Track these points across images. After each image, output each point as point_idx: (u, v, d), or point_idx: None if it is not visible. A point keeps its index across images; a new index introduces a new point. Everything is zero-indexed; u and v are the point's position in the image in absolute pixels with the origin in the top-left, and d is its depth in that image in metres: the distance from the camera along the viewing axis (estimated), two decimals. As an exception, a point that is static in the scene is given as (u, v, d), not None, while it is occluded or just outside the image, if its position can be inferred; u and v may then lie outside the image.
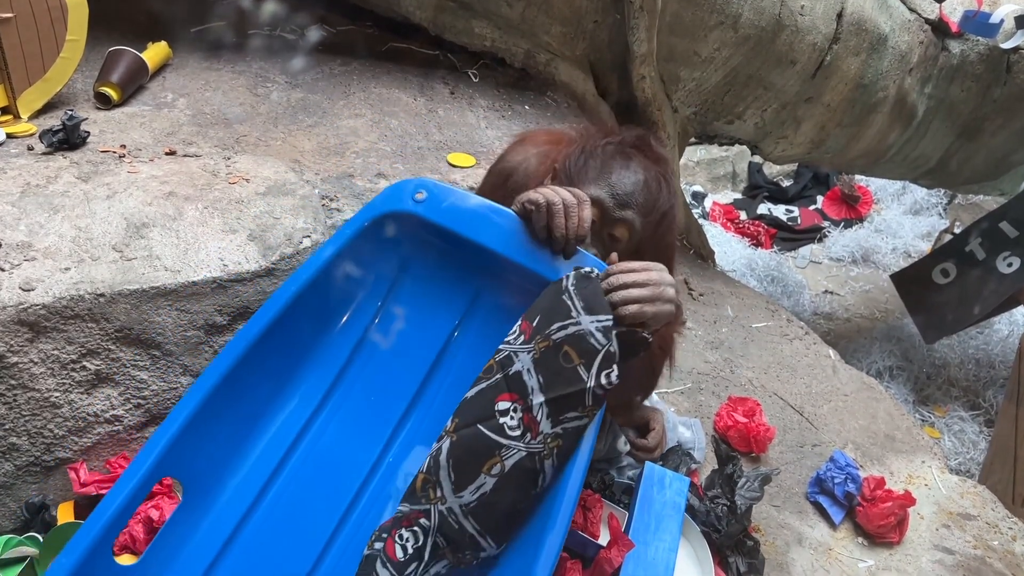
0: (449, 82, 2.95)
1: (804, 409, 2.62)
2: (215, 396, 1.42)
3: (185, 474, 1.43)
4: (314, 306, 1.55)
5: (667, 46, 3.19)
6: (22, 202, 1.86)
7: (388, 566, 1.38)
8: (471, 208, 1.53)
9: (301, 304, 1.51)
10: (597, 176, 1.53)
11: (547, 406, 1.33)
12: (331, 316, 1.60)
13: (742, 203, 6.81)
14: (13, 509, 1.71)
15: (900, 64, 3.73)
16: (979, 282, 4.01)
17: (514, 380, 1.36)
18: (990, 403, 4.40)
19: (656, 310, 1.33)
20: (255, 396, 1.51)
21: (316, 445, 1.55)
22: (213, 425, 1.43)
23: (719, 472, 2.08)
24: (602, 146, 1.57)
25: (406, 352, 1.55)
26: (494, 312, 1.57)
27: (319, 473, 1.52)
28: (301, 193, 2.06)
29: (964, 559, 2.16)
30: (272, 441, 1.53)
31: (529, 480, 1.34)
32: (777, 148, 3.99)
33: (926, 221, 6.46)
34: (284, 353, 1.53)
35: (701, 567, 1.86)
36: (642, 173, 1.53)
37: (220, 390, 1.43)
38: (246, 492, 1.49)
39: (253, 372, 1.47)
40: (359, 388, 1.58)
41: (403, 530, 1.39)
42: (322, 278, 1.53)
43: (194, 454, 1.42)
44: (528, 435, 1.34)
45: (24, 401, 1.66)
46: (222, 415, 1.44)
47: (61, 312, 1.66)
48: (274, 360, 1.52)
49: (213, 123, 2.45)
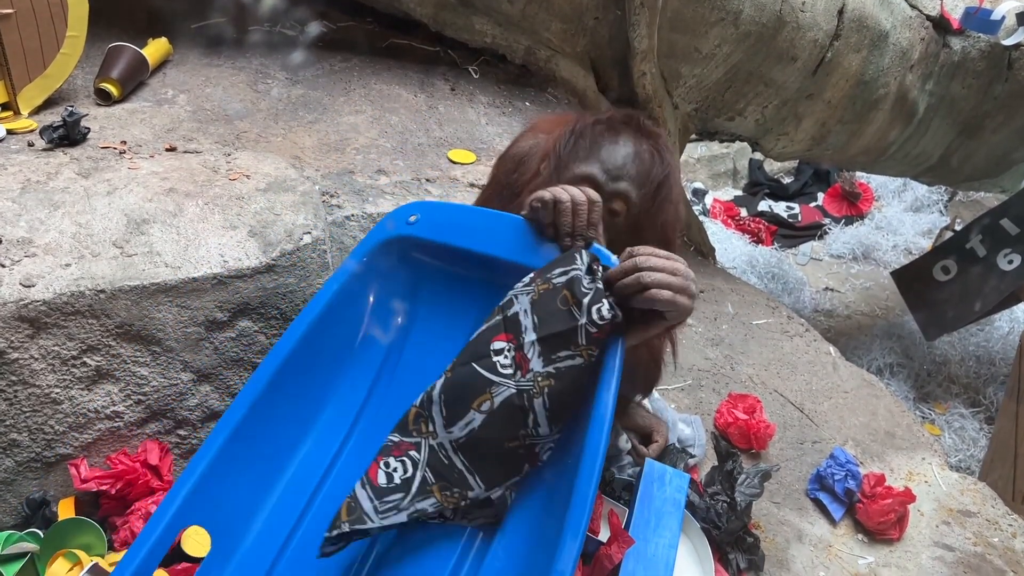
0: (450, 78, 2.95)
1: (804, 406, 2.62)
2: (234, 441, 1.40)
3: (211, 521, 1.38)
4: (325, 345, 1.53)
5: (668, 42, 3.19)
6: (22, 198, 1.86)
7: (367, 488, 1.37)
8: (466, 220, 1.53)
9: (312, 343, 1.50)
10: (587, 154, 1.53)
11: (539, 344, 1.32)
12: (344, 353, 1.58)
13: (743, 200, 6.80)
14: (14, 505, 1.71)
15: (901, 61, 3.73)
16: (980, 279, 4.01)
17: (511, 321, 1.36)
18: (990, 400, 4.40)
19: (685, 302, 1.28)
20: (275, 438, 1.47)
21: (339, 484, 1.50)
22: (234, 470, 1.40)
23: (719, 469, 2.08)
24: (591, 125, 1.57)
25: (424, 382, 1.47)
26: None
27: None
28: (301, 189, 2.06)
29: (964, 556, 2.16)
30: (295, 482, 1.49)
31: (517, 418, 1.33)
32: (778, 145, 3.99)
33: (927, 218, 6.46)
34: (301, 393, 1.51)
35: (701, 564, 1.86)
36: (632, 146, 1.53)
37: (239, 434, 1.41)
38: (273, 536, 1.44)
39: (271, 414, 1.45)
40: (380, 422, 1.52)
41: (391, 458, 1.39)
42: (329, 316, 1.52)
43: (219, 500, 1.38)
44: (519, 373, 1.33)
45: (25, 397, 1.66)
46: (242, 460, 1.41)
47: (62, 308, 1.66)
48: (291, 402, 1.49)
49: (213, 119, 2.44)
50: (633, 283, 1.27)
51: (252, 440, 1.43)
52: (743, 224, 6.35)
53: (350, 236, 2.05)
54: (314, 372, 1.52)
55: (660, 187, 1.55)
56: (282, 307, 1.89)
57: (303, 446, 1.52)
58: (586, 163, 1.52)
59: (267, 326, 1.89)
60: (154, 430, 1.82)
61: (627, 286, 1.27)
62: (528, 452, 1.36)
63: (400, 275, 1.59)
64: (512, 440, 1.35)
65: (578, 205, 1.38)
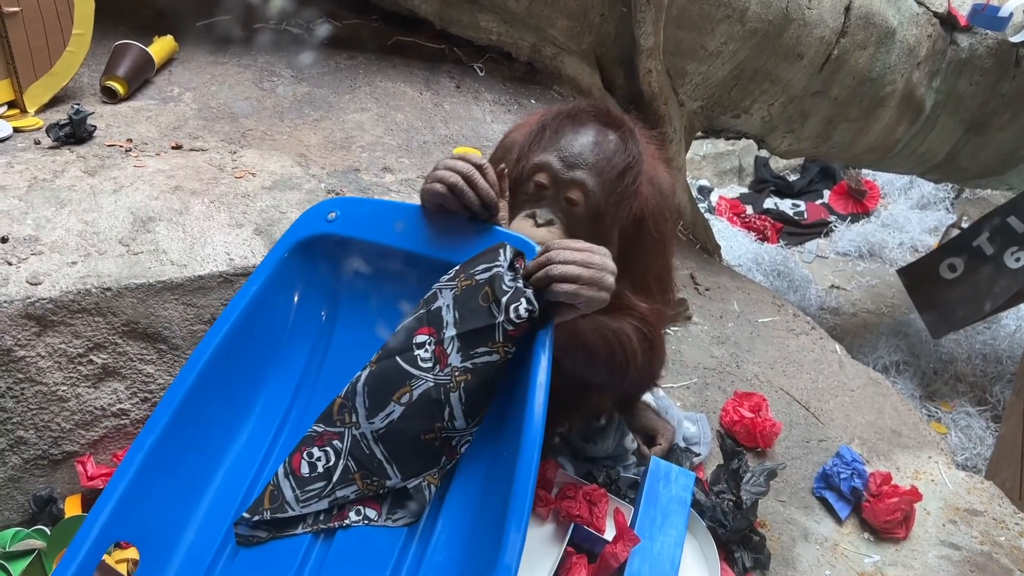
0: (455, 76, 2.94)
1: (810, 404, 2.62)
2: (159, 449, 1.36)
3: (140, 535, 1.35)
4: (250, 345, 1.51)
5: (674, 40, 3.18)
6: (29, 196, 1.86)
7: (290, 478, 1.41)
8: (385, 215, 1.54)
9: (236, 344, 1.48)
10: (547, 144, 1.53)
11: (458, 340, 1.36)
12: (269, 352, 1.56)
13: (748, 197, 6.79)
14: (21, 502, 1.72)
15: (908, 58, 3.72)
16: (987, 277, 3.99)
17: (434, 315, 1.39)
18: (997, 399, 4.39)
19: (591, 294, 1.31)
20: (202, 443, 1.45)
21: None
22: (161, 479, 1.37)
23: (725, 467, 2.08)
24: (554, 115, 1.57)
25: (349, 377, 1.48)
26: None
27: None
28: (307, 187, 2.06)
29: (970, 555, 2.15)
30: (225, 486, 1.46)
31: (434, 411, 1.36)
32: (784, 142, 3.98)
33: (933, 216, 6.44)
34: (227, 395, 1.48)
35: (707, 562, 1.86)
36: (593, 134, 1.52)
37: (164, 442, 1.37)
38: (207, 544, 1.41)
39: (197, 418, 1.43)
40: (307, 420, 1.51)
41: (314, 448, 1.43)
42: (252, 316, 1.51)
43: (146, 512, 1.34)
44: (437, 367, 1.37)
45: (31, 395, 1.66)
46: (170, 467, 1.38)
47: (68, 306, 1.67)
48: (217, 404, 1.46)
49: (219, 117, 2.45)
50: (542, 276, 1.31)
51: (178, 446, 1.39)
52: (749, 222, 6.34)
53: (356, 234, 2.05)
54: (239, 373, 1.50)
55: (623, 175, 1.53)
56: (288, 305, 1.89)
57: (232, 449, 1.49)
58: (543, 152, 1.52)
59: (273, 324, 1.89)
60: (160, 428, 1.82)
61: (538, 280, 1.32)
62: (444, 445, 1.40)
63: (322, 272, 1.58)
64: (428, 433, 1.38)
65: (470, 178, 1.40)
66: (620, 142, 1.54)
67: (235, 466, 1.48)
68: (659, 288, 1.76)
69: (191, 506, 1.43)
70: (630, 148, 1.55)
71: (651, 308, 1.70)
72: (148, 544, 1.36)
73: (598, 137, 1.52)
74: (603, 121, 1.56)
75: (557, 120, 1.55)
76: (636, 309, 1.67)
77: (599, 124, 1.55)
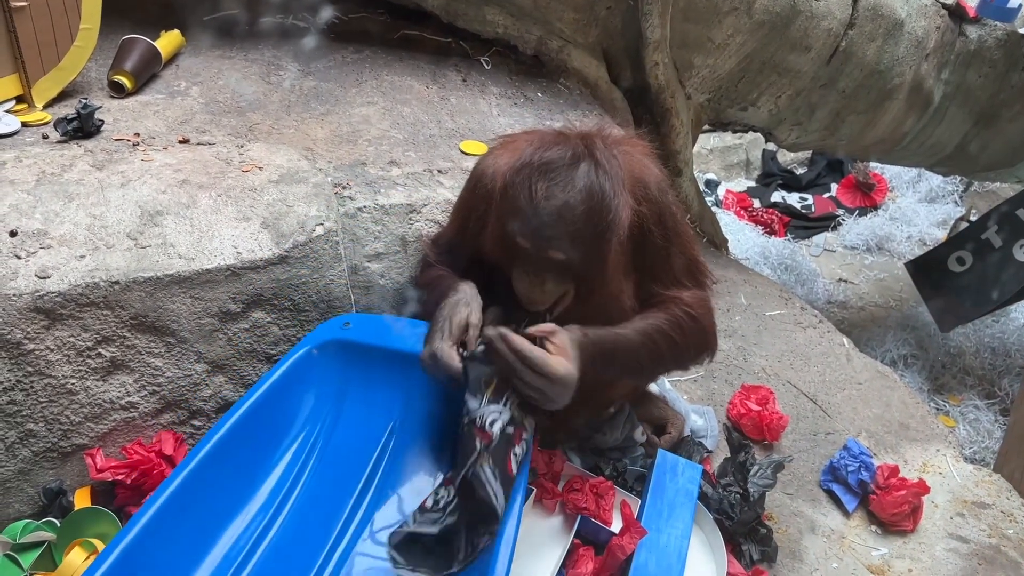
0: (461, 69, 2.94)
1: (818, 397, 2.62)
2: (168, 511, 1.46)
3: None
4: (267, 422, 1.68)
5: (681, 32, 3.17)
6: (37, 190, 1.87)
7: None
8: (390, 326, 1.82)
9: (255, 420, 1.64)
10: (515, 213, 1.51)
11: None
12: (283, 432, 1.73)
13: (756, 191, 6.77)
14: (31, 494, 1.73)
15: (916, 50, 3.70)
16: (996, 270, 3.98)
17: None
18: (1006, 392, 4.37)
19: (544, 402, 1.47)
20: (214, 502, 1.57)
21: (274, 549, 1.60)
22: (172, 533, 1.46)
23: (732, 460, 2.08)
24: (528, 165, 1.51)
25: (348, 464, 1.71)
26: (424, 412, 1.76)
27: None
28: (314, 181, 2.07)
29: (979, 548, 2.15)
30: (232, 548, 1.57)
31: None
32: (791, 135, 3.96)
33: (942, 209, 6.41)
34: (240, 463, 1.62)
35: (714, 554, 1.86)
36: (564, 194, 1.47)
37: (174, 505, 1.47)
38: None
39: (211, 481, 1.55)
40: (309, 501, 1.68)
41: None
42: (269, 401, 1.68)
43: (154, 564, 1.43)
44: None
45: (41, 388, 1.67)
46: (180, 523, 1.48)
47: (77, 299, 1.67)
48: (231, 470, 1.59)
49: (226, 111, 2.45)
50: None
51: (184, 512, 1.49)
52: (756, 215, 6.32)
53: (362, 227, 2.06)
54: (250, 451, 1.64)
55: (599, 222, 1.51)
56: (295, 298, 1.90)
57: (238, 515, 1.61)
58: (514, 224, 1.51)
59: (280, 317, 1.90)
60: (169, 420, 1.83)
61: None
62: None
63: (333, 373, 1.78)
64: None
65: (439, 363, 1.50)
66: (587, 192, 1.48)
67: (239, 532, 1.59)
68: (691, 279, 1.78)
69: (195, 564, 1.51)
70: (597, 187, 1.49)
71: (692, 296, 1.75)
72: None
73: (568, 199, 1.47)
74: (569, 158, 1.50)
75: (528, 175, 1.50)
76: (677, 298, 1.73)
77: (565, 169, 1.49)
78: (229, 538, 1.57)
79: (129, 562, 1.37)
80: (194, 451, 1.55)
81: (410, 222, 2.11)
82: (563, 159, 1.50)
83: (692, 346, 1.77)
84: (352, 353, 1.78)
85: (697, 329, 1.75)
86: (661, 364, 1.82)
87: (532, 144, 1.55)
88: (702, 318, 1.76)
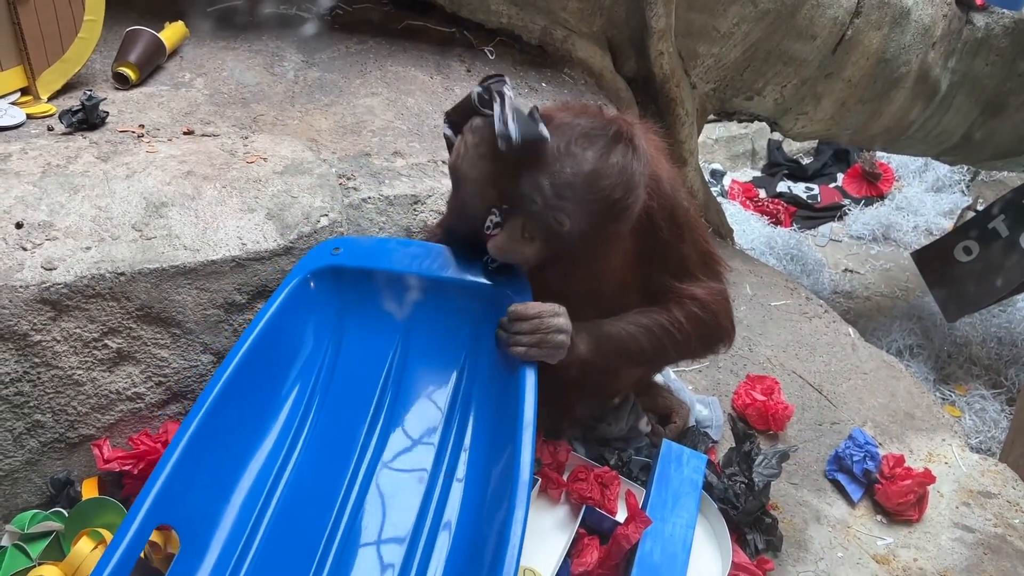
0: (466, 60, 2.93)
1: (823, 387, 2.61)
2: (195, 442, 1.50)
3: (179, 521, 1.46)
4: (269, 358, 1.68)
5: (685, 21, 3.16)
6: (43, 182, 1.87)
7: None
8: (381, 247, 1.80)
9: (257, 358, 1.64)
10: (547, 159, 1.48)
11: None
12: (288, 363, 1.73)
13: (761, 181, 6.74)
14: (39, 485, 1.73)
15: (923, 38, 3.67)
16: (1002, 259, 3.96)
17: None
18: (1012, 381, 4.36)
19: (541, 352, 1.53)
20: (231, 440, 1.59)
21: (295, 478, 1.64)
22: (197, 471, 1.49)
23: (737, 450, 2.08)
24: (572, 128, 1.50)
25: (360, 383, 1.72)
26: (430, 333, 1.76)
27: (302, 504, 1.60)
28: (318, 172, 2.07)
29: (984, 537, 2.15)
30: (254, 483, 1.60)
31: None
32: (797, 125, 3.95)
33: (948, 198, 6.38)
34: (251, 399, 1.63)
35: (719, 544, 1.87)
36: (591, 161, 1.46)
37: (199, 436, 1.50)
38: (238, 533, 1.54)
39: (226, 419, 1.57)
40: (320, 429, 1.70)
41: None
42: (269, 335, 1.67)
43: (184, 501, 1.47)
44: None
45: (48, 379, 1.68)
46: (204, 461, 1.51)
47: (82, 291, 1.68)
48: (243, 406, 1.61)
49: (230, 102, 2.45)
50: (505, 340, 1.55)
51: (210, 444, 1.52)
52: (762, 205, 6.30)
53: (367, 219, 2.06)
54: (259, 386, 1.66)
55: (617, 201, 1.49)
56: (300, 289, 1.90)
57: (256, 450, 1.63)
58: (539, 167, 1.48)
59: (285, 308, 1.90)
60: (175, 411, 1.84)
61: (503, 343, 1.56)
62: None
63: (329, 300, 1.77)
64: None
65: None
66: (619, 170, 1.47)
67: (260, 466, 1.62)
68: (705, 271, 1.78)
69: (222, 499, 1.55)
70: (631, 170, 1.49)
71: (705, 289, 1.75)
72: (187, 529, 1.47)
73: (598, 164, 1.46)
74: (612, 134, 1.49)
75: (563, 135, 1.48)
76: (688, 294, 1.73)
77: (606, 141, 1.48)
78: (249, 477, 1.60)
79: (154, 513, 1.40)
80: (204, 394, 1.55)
81: (415, 213, 2.11)
82: (606, 132, 1.49)
83: (700, 337, 1.77)
84: (346, 278, 1.76)
85: (707, 320, 1.75)
86: (664, 352, 1.80)
87: (574, 112, 1.55)
88: (713, 310, 1.75)
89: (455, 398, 1.70)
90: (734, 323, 1.84)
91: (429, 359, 1.74)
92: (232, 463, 1.59)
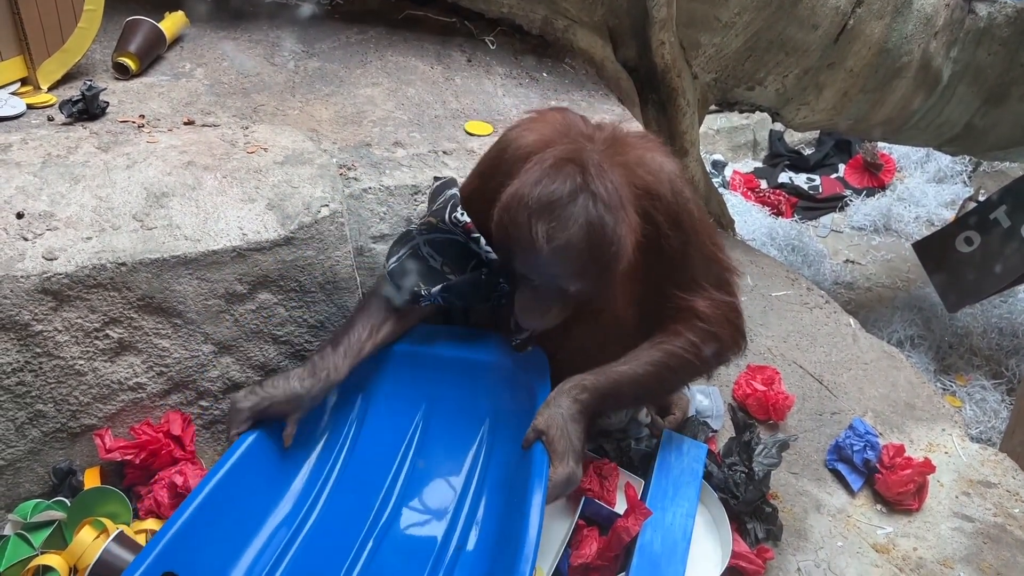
0: (466, 50, 2.93)
1: (823, 377, 2.61)
2: (213, 496, 1.54)
3: (187, 571, 1.47)
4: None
5: (687, 11, 3.15)
6: (43, 172, 1.88)
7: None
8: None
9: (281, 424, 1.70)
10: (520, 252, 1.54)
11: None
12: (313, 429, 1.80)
13: (763, 172, 6.73)
14: (41, 474, 1.74)
15: (925, 28, 3.66)
16: (1003, 249, 3.95)
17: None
18: (1012, 372, 4.36)
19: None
20: (249, 499, 1.63)
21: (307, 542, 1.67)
22: (211, 526, 1.53)
23: (737, 439, 2.08)
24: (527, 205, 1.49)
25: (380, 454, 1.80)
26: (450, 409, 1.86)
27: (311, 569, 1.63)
28: (319, 162, 2.07)
29: (984, 527, 2.15)
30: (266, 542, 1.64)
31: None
32: (798, 115, 3.93)
33: (950, 189, 6.36)
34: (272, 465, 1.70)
35: (719, 533, 1.87)
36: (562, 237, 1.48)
37: (218, 491, 1.55)
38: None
39: (246, 478, 1.62)
40: (342, 491, 1.76)
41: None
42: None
43: (194, 552, 1.49)
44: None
45: (49, 369, 1.68)
46: (219, 517, 1.55)
47: (84, 281, 1.68)
48: (264, 469, 1.67)
49: (231, 92, 2.45)
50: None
51: (228, 501, 1.58)
52: (763, 196, 6.28)
53: (367, 209, 2.06)
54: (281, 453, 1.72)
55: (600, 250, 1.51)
56: (301, 279, 1.90)
57: (272, 512, 1.69)
58: (520, 260, 1.56)
59: (286, 298, 1.90)
60: (176, 401, 1.85)
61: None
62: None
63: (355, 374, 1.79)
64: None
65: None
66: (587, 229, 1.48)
67: (273, 528, 1.67)
68: (712, 280, 1.75)
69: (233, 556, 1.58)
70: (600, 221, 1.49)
71: (711, 303, 1.72)
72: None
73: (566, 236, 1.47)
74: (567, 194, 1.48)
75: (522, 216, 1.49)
76: (693, 310, 1.71)
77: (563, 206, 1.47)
78: (262, 537, 1.63)
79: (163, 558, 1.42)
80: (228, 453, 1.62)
81: (415, 203, 2.11)
82: (561, 194, 1.48)
83: (706, 361, 1.76)
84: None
85: (717, 335, 1.73)
86: (672, 386, 1.87)
87: (531, 171, 1.53)
88: (720, 329, 1.73)
89: (471, 473, 1.77)
90: (745, 336, 1.83)
91: (448, 433, 1.83)
92: (247, 522, 1.63)
